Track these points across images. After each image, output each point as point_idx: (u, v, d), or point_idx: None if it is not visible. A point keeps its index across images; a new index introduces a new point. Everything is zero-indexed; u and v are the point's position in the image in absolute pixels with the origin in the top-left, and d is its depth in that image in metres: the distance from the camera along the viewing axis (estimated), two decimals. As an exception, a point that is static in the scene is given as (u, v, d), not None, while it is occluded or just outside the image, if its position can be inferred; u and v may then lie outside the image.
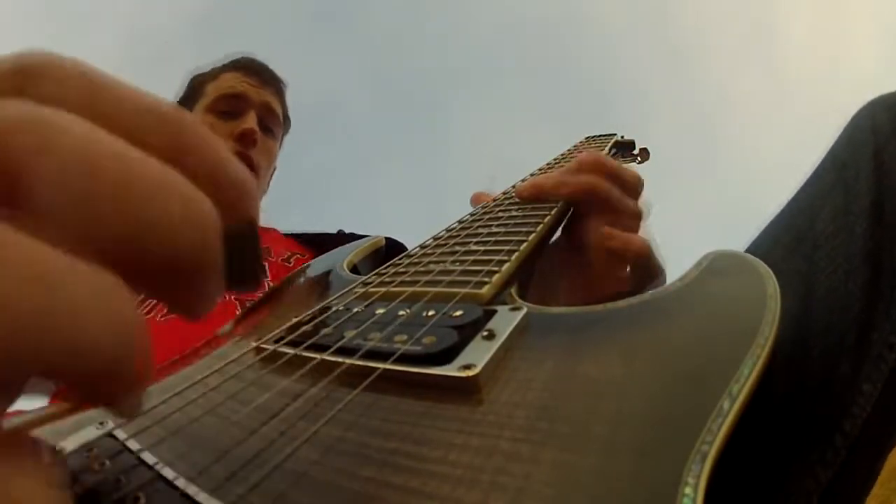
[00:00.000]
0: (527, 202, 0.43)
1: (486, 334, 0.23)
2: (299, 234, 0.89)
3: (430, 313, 0.26)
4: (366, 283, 0.34)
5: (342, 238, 0.78)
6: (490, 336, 0.23)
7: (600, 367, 0.21)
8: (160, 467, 0.17)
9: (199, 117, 0.85)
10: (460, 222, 0.44)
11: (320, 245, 0.58)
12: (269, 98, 0.88)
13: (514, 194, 0.46)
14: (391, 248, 0.57)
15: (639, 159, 0.72)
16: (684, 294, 0.26)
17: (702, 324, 0.23)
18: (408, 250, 0.41)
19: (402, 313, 0.27)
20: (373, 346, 0.24)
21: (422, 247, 0.40)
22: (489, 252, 0.34)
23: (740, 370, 0.18)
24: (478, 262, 0.32)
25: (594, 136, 0.71)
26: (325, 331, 0.26)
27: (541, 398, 0.19)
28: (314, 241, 0.83)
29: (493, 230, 0.38)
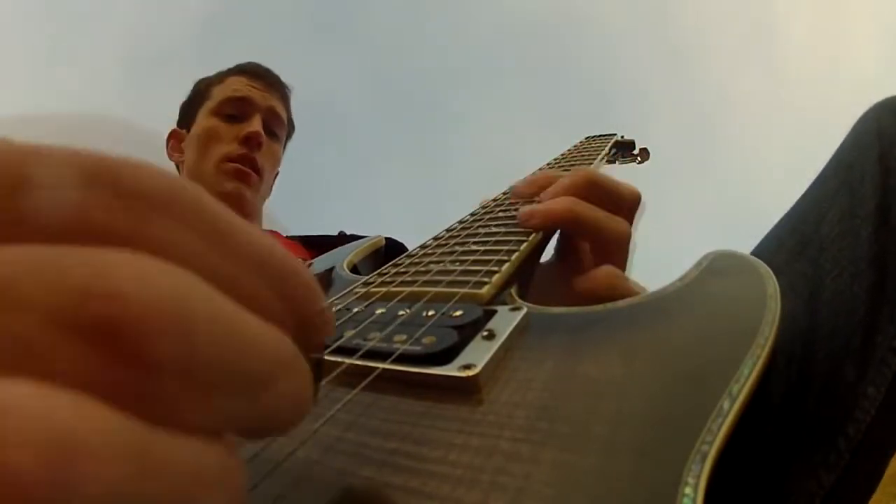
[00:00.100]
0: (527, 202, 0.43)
1: (486, 334, 0.23)
2: (301, 237, 0.89)
3: (430, 313, 0.26)
4: (366, 283, 0.34)
5: (343, 240, 0.78)
6: (490, 336, 0.23)
7: (600, 367, 0.21)
8: None
9: (204, 119, 0.86)
10: (461, 222, 0.44)
11: (322, 248, 0.58)
12: (274, 102, 0.89)
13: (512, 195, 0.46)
14: (391, 248, 0.57)
15: (639, 159, 0.72)
16: (684, 294, 0.26)
17: (702, 324, 0.23)
18: (408, 250, 0.41)
19: (402, 313, 0.27)
20: (372, 345, 0.24)
21: (422, 247, 0.40)
22: (489, 252, 0.34)
23: (740, 370, 0.18)
24: (478, 262, 0.32)
25: (594, 136, 0.71)
26: None
27: (541, 398, 0.19)
28: (315, 244, 0.83)
29: (493, 230, 0.38)
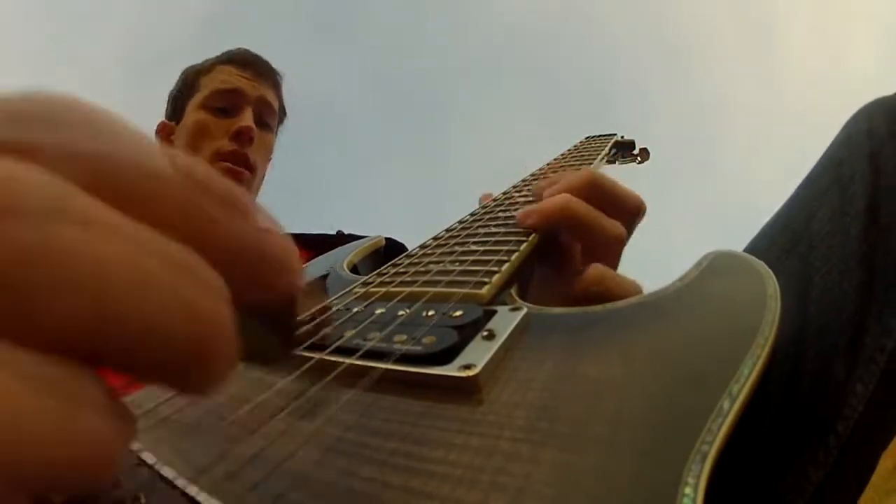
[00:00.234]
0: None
1: (486, 334, 0.23)
2: (298, 235, 0.89)
3: (430, 313, 0.26)
4: (366, 283, 0.34)
5: (341, 239, 0.78)
6: (490, 336, 0.23)
7: (600, 367, 0.21)
8: (160, 467, 0.17)
9: (194, 113, 0.83)
10: (461, 222, 0.44)
11: (319, 246, 0.57)
12: (264, 91, 0.86)
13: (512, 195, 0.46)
14: (391, 248, 0.57)
15: (639, 159, 0.72)
16: (684, 294, 0.26)
17: (702, 324, 0.23)
18: (408, 250, 0.41)
19: (402, 313, 0.27)
20: (372, 345, 0.24)
21: (422, 247, 0.40)
22: (489, 252, 0.34)
23: (740, 370, 0.18)
24: (478, 262, 0.32)
25: (594, 136, 0.71)
26: (325, 331, 0.26)
27: (541, 398, 0.19)
28: (313, 243, 0.82)
29: (492, 230, 0.38)
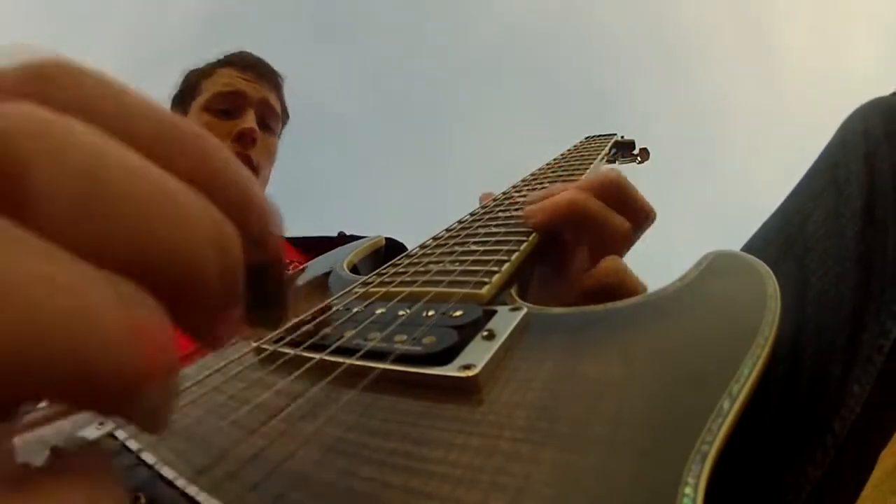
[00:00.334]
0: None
1: (486, 334, 0.23)
2: (300, 238, 0.89)
3: (430, 313, 0.26)
4: (366, 283, 0.34)
5: (343, 241, 0.78)
6: (490, 336, 0.23)
7: (600, 367, 0.21)
8: (160, 467, 0.17)
9: (196, 116, 0.83)
10: (460, 222, 0.44)
11: (321, 250, 0.57)
12: (266, 94, 0.86)
13: (513, 195, 0.46)
14: (391, 248, 0.57)
15: (639, 159, 0.72)
16: (684, 294, 0.26)
17: (702, 324, 0.23)
18: (408, 250, 0.41)
19: (402, 313, 0.27)
20: (372, 346, 0.24)
21: (422, 247, 0.40)
22: (489, 252, 0.34)
23: (740, 370, 0.18)
24: (477, 262, 0.32)
25: (594, 137, 0.71)
26: (325, 331, 0.26)
27: (541, 398, 0.19)
28: (316, 246, 0.82)
29: (492, 230, 0.38)
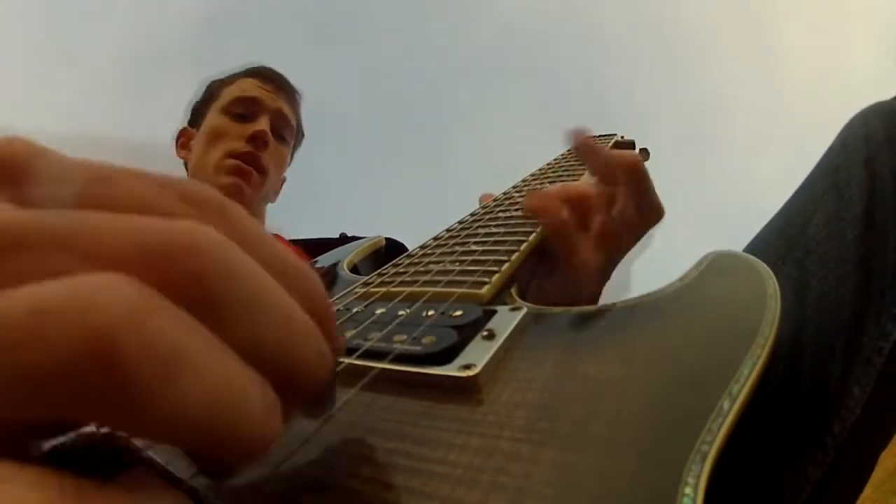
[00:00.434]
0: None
1: (485, 334, 0.23)
2: (302, 240, 0.89)
3: (430, 313, 0.26)
4: (366, 283, 0.34)
5: (345, 242, 0.78)
6: (490, 336, 0.23)
7: (600, 367, 0.20)
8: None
9: (213, 117, 0.87)
10: (461, 222, 0.44)
11: (323, 251, 0.58)
12: (282, 105, 0.89)
13: (513, 195, 0.46)
14: (391, 248, 0.57)
15: (639, 159, 0.72)
16: (684, 294, 0.26)
17: (702, 324, 0.23)
18: (408, 250, 0.41)
19: (402, 313, 0.27)
20: (372, 345, 0.24)
21: (422, 247, 0.40)
22: (489, 252, 0.34)
23: (740, 370, 0.18)
24: (477, 262, 0.32)
25: (594, 136, 0.71)
26: None
27: (541, 398, 0.19)
28: (317, 247, 0.82)
29: (492, 230, 0.38)
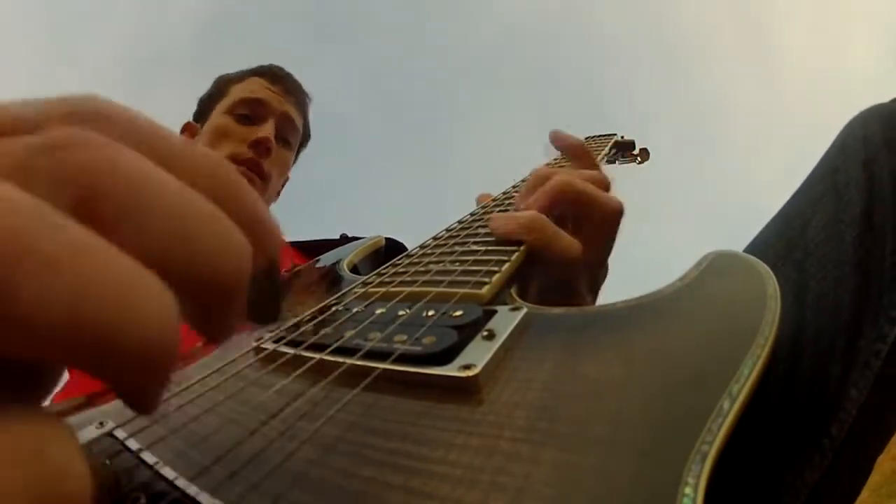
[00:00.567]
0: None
1: (486, 334, 0.23)
2: (303, 242, 0.88)
3: (430, 313, 0.26)
4: (366, 283, 0.34)
5: (345, 243, 0.78)
6: (490, 336, 0.23)
7: (600, 367, 0.21)
8: (160, 467, 0.17)
9: (217, 117, 0.85)
10: (460, 222, 0.44)
11: (324, 252, 0.57)
12: (289, 108, 0.87)
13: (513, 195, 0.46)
14: (391, 248, 0.57)
15: (639, 159, 0.72)
16: (684, 294, 0.26)
17: (702, 324, 0.23)
18: (408, 250, 0.41)
19: (402, 313, 0.27)
20: (373, 346, 0.24)
21: (422, 247, 0.40)
22: (489, 252, 0.34)
23: (740, 370, 0.18)
24: (477, 262, 0.32)
25: (594, 136, 0.71)
26: (325, 331, 0.26)
27: (541, 398, 0.19)
28: (318, 249, 0.82)
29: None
